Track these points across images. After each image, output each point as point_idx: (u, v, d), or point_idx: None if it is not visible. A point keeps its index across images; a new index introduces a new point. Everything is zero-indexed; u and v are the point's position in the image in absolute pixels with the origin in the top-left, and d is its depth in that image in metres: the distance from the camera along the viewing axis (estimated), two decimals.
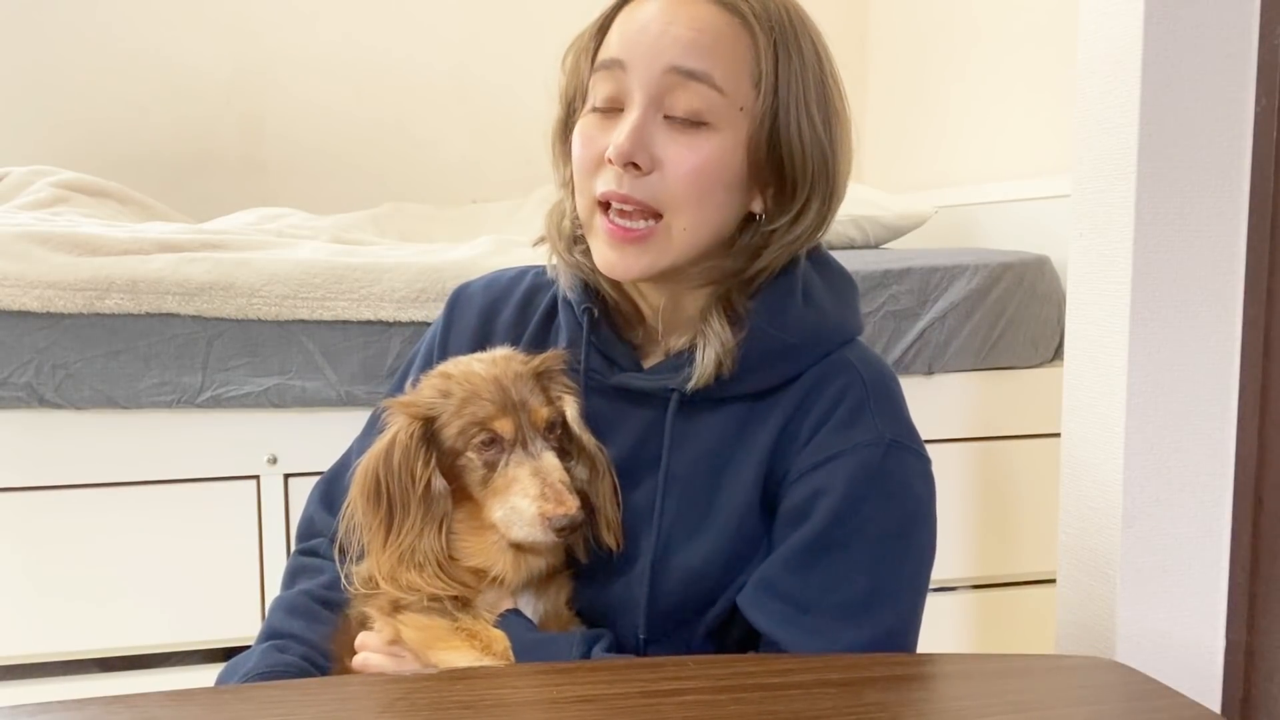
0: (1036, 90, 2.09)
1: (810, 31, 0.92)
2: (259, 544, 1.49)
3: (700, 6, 0.88)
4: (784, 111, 0.88)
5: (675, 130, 0.87)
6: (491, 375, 0.91)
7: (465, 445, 0.89)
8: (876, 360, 0.97)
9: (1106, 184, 1.23)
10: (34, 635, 1.44)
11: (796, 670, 0.81)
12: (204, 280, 1.46)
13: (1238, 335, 1.22)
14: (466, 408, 0.89)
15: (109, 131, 2.48)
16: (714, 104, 0.87)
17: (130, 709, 0.73)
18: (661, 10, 0.88)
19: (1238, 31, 1.18)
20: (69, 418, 1.43)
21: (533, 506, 0.88)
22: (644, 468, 0.95)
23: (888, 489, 0.90)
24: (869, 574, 0.88)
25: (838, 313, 0.96)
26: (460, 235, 2.05)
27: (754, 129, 0.88)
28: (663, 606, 0.92)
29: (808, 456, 0.90)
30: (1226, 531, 1.24)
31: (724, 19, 0.88)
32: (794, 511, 0.90)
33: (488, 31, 2.64)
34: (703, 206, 0.89)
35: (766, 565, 0.90)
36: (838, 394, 0.91)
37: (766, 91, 0.88)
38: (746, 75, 0.88)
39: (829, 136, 0.91)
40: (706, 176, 0.88)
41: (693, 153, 0.87)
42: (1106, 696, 0.83)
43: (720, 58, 0.87)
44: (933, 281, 1.69)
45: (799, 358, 0.93)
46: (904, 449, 0.91)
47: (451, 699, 0.77)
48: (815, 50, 0.91)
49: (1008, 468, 1.71)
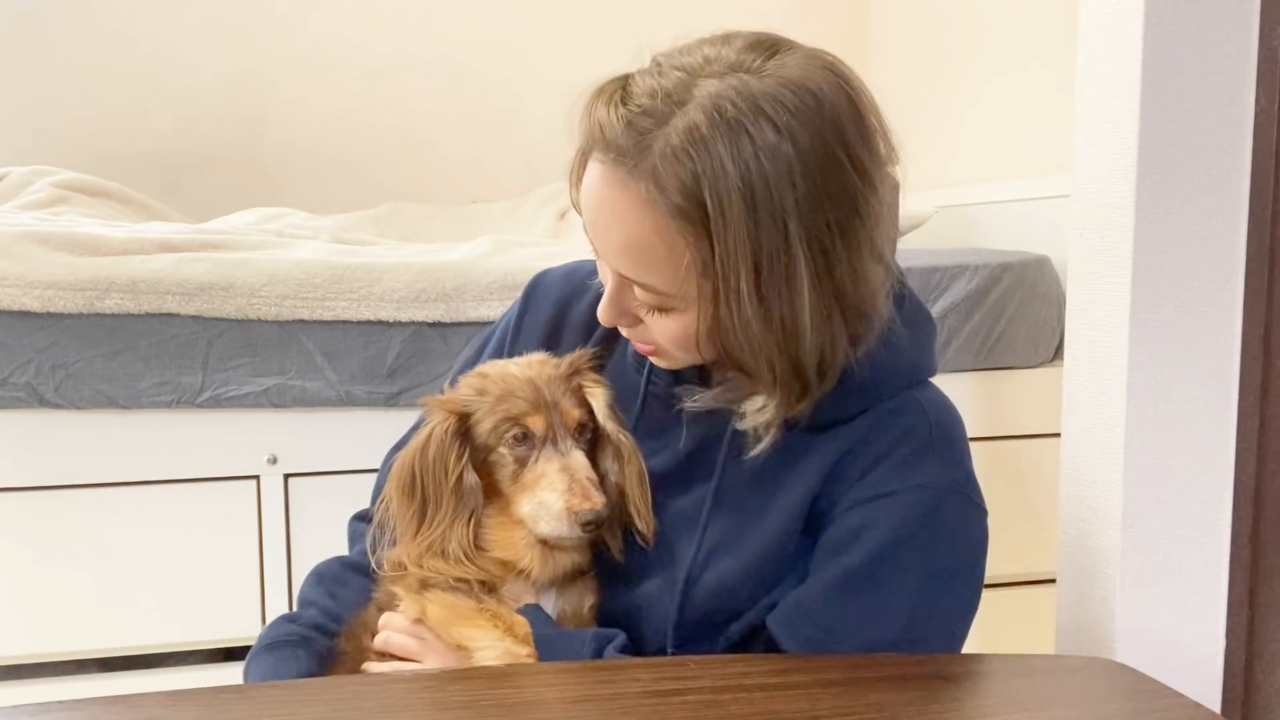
0: (1036, 90, 2.09)
1: (778, 165, 0.77)
2: (259, 544, 1.49)
3: (631, 211, 0.81)
4: (720, 303, 0.81)
5: (646, 308, 0.87)
6: (526, 376, 0.94)
7: (498, 441, 0.92)
8: (947, 404, 0.95)
9: (1106, 184, 1.23)
10: (34, 635, 1.44)
11: (796, 670, 0.81)
12: (204, 280, 1.46)
13: (1238, 335, 1.22)
14: (501, 405, 0.92)
15: (109, 131, 2.48)
16: (666, 300, 0.85)
17: (130, 709, 0.73)
18: (601, 213, 0.84)
19: (1238, 31, 1.18)
20: (69, 418, 1.43)
21: (560, 501, 0.89)
22: (697, 477, 0.95)
23: (938, 534, 0.88)
24: (905, 616, 0.87)
25: (912, 353, 0.94)
26: (460, 235, 2.04)
27: (705, 310, 0.83)
28: (691, 616, 0.91)
29: (863, 489, 0.89)
30: (1226, 531, 1.24)
31: (652, 225, 0.80)
32: (838, 540, 0.89)
33: (488, 31, 2.64)
34: (695, 352, 0.89)
35: (803, 590, 0.90)
36: (902, 433, 0.90)
37: (705, 279, 0.81)
38: (688, 270, 0.81)
39: (787, 308, 0.80)
40: (689, 339, 0.86)
41: (665, 327, 0.87)
42: (1106, 696, 0.83)
43: (657, 268, 0.82)
44: (933, 281, 1.69)
45: (869, 394, 0.91)
46: (963, 498, 0.90)
47: (452, 699, 0.77)
48: (778, 197, 0.77)
49: (1007, 467, 1.71)
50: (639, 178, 0.80)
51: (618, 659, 0.88)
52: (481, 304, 1.51)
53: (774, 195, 0.77)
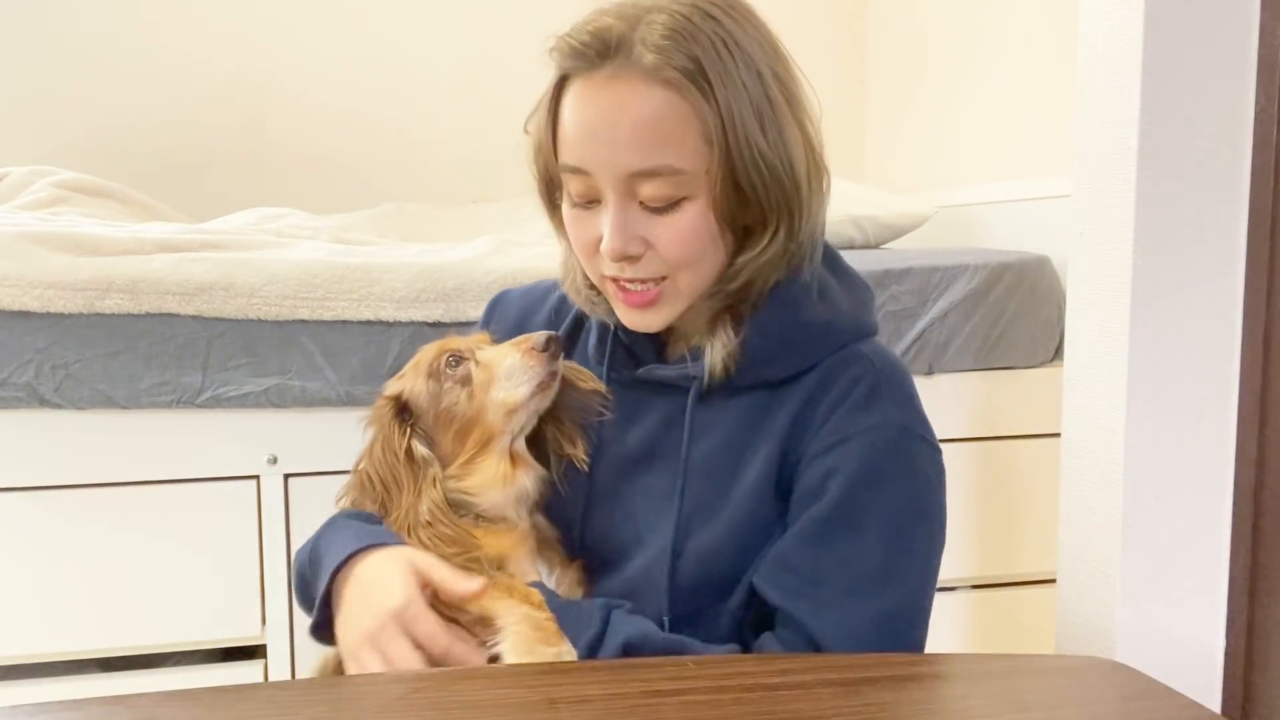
0: (1036, 90, 2.09)
1: (741, 35, 0.90)
2: (259, 544, 1.49)
3: (635, 94, 0.88)
4: (735, 152, 0.89)
5: (654, 213, 0.91)
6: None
7: (438, 381, 1.00)
8: (891, 354, 1.01)
9: (1106, 184, 1.23)
10: (34, 635, 1.44)
11: (796, 670, 0.82)
12: (204, 280, 1.46)
13: (1238, 335, 1.22)
14: (424, 358, 1.02)
15: (109, 131, 2.48)
16: (681, 182, 0.90)
17: (130, 709, 0.73)
18: (604, 112, 0.90)
19: (1238, 31, 1.18)
20: (69, 418, 1.43)
21: (514, 353, 0.99)
22: (666, 455, 0.99)
23: (898, 471, 0.93)
24: (880, 550, 0.91)
25: (852, 310, 1.00)
26: (460, 235, 2.04)
27: (715, 181, 0.91)
28: (684, 586, 0.95)
29: (822, 440, 0.94)
30: (1226, 531, 1.24)
31: (660, 97, 0.88)
32: (808, 492, 0.93)
33: (488, 31, 2.64)
34: (701, 263, 0.94)
35: (781, 543, 0.94)
36: (852, 381, 0.95)
37: (718, 143, 0.89)
38: (700, 139, 0.89)
39: (782, 145, 0.91)
40: (696, 241, 0.92)
41: (676, 229, 0.91)
42: (1106, 696, 0.83)
43: (671, 142, 0.89)
44: (933, 281, 1.69)
45: (815, 348, 0.97)
46: (915, 436, 0.95)
47: (451, 699, 0.77)
48: (750, 56, 0.90)
49: (1008, 468, 1.71)
50: (634, 61, 0.88)
51: (635, 625, 0.91)
52: (481, 304, 1.50)
53: (744, 48, 0.89)
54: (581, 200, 0.94)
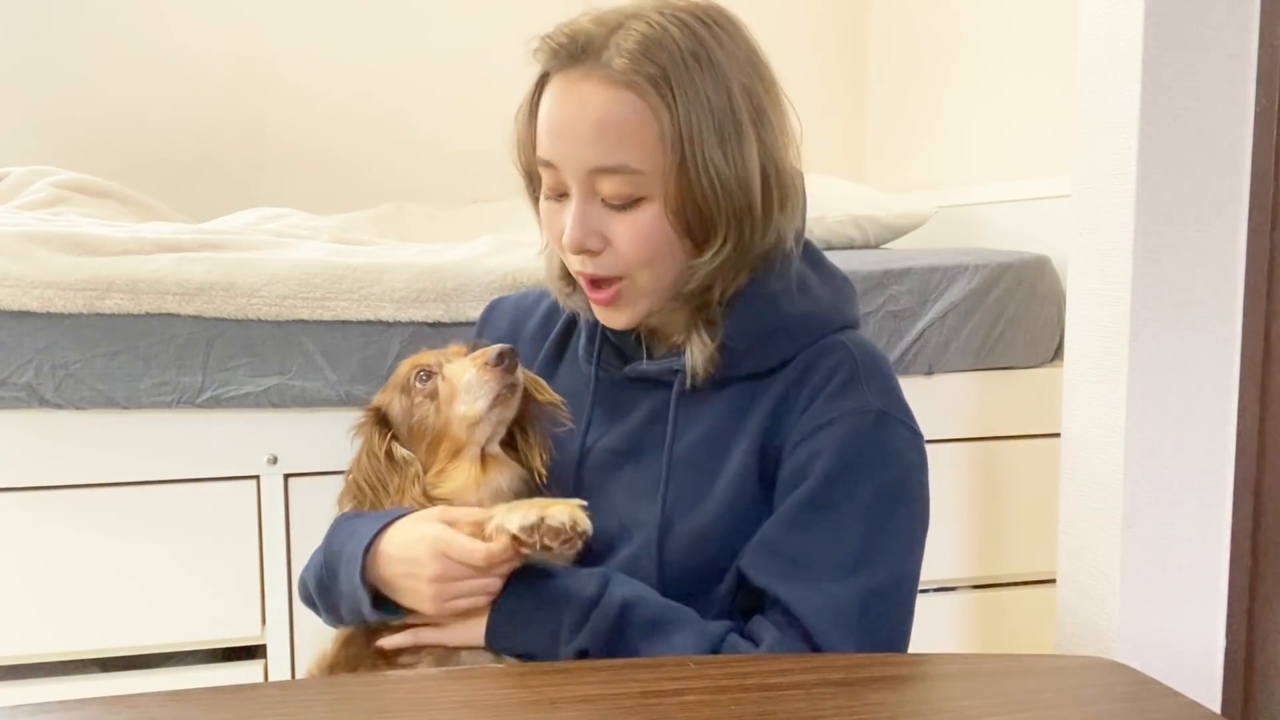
0: (1036, 90, 2.09)
1: (716, 49, 0.93)
2: (259, 544, 1.49)
3: (600, 94, 0.92)
4: (690, 162, 0.92)
5: (614, 210, 0.95)
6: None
7: (410, 395, 1.05)
8: (870, 344, 1.04)
9: (1106, 184, 1.24)
10: (34, 635, 1.44)
11: (796, 670, 0.82)
12: (204, 280, 1.46)
13: (1238, 335, 1.22)
14: (400, 374, 1.08)
15: (109, 131, 2.47)
16: (638, 182, 0.93)
17: (130, 709, 0.73)
18: (571, 109, 0.94)
19: (1238, 31, 1.19)
20: (69, 418, 1.43)
21: (472, 369, 1.03)
22: (652, 448, 1.03)
23: (878, 454, 0.95)
24: (863, 531, 0.93)
25: (832, 302, 1.04)
26: (460, 235, 2.04)
27: (670, 186, 0.93)
28: (672, 574, 0.98)
29: (803, 426, 0.97)
30: (1226, 531, 1.25)
31: (624, 99, 0.92)
32: (791, 477, 0.96)
33: (488, 31, 2.64)
34: (658, 264, 0.97)
35: (765, 528, 0.96)
36: (831, 369, 0.98)
37: (674, 151, 0.92)
38: (658, 143, 0.92)
39: (741, 161, 0.93)
40: (650, 242, 0.95)
41: (633, 227, 0.95)
42: (1106, 696, 0.83)
43: (631, 143, 0.92)
44: (933, 281, 1.69)
45: (795, 339, 1.00)
46: (895, 420, 0.98)
47: (451, 699, 0.77)
48: (723, 70, 0.93)
49: (1007, 468, 1.71)
50: (604, 64, 0.92)
51: (639, 596, 0.94)
52: (481, 304, 1.51)
53: (716, 63, 0.92)
54: (553, 193, 0.99)
